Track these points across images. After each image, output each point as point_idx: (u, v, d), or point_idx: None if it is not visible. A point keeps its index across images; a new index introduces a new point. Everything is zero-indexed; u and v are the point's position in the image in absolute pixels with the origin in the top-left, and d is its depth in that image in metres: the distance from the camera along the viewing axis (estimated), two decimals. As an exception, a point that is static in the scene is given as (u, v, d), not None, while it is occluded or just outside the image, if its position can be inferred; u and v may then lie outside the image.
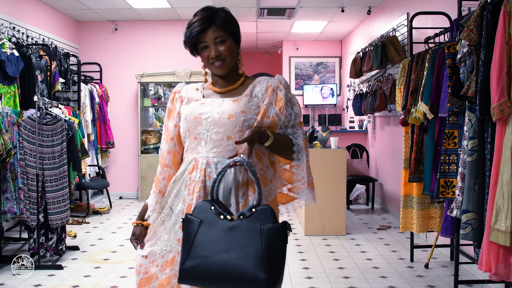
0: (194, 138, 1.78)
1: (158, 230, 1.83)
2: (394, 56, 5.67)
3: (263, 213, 1.57)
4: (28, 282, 3.73)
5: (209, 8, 1.77)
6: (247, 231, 1.55)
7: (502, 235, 2.40)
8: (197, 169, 1.76)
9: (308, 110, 9.46)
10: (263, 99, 1.77)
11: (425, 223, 3.95)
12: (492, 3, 2.58)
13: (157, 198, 1.84)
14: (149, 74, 7.35)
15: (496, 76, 2.44)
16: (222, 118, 1.73)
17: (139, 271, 1.84)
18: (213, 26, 1.74)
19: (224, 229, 1.57)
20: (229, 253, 1.53)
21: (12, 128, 4.04)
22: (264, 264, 1.51)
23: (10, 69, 4.32)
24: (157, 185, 1.85)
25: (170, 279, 1.78)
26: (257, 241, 1.53)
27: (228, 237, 1.55)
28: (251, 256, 1.52)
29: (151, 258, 1.82)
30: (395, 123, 6.10)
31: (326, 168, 5.16)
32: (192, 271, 1.56)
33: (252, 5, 6.80)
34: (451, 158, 3.22)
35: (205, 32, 1.74)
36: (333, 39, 9.44)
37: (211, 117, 1.75)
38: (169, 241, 1.80)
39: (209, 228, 1.58)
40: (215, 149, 1.74)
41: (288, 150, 1.78)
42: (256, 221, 1.56)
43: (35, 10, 6.28)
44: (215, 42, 1.74)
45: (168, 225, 1.81)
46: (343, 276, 3.89)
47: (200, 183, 1.73)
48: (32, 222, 4.09)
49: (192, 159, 1.79)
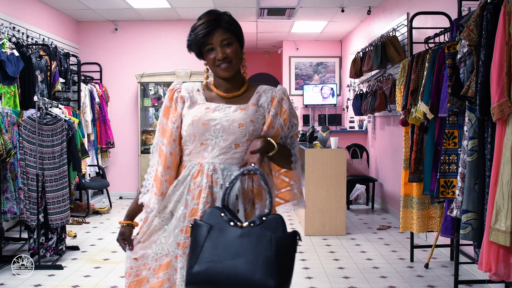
0: (200, 144, 1.76)
1: (155, 233, 1.79)
2: (394, 56, 5.67)
3: (274, 221, 1.61)
4: (28, 282, 3.73)
5: (214, 11, 1.79)
6: (257, 239, 1.58)
7: (502, 235, 2.40)
8: (202, 174, 1.75)
9: (308, 110, 9.46)
10: (269, 109, 1.82)
11: (425, 223, 3.95)
12: (492, 3, 2.58)
13: (158, 200, 1.78)
14: (149, 74, 7.35)
15: (496, 76, 2.44)
16: (232, 126, 1.75)
17: (130, 274, 1.82)
18: (219, 28, 1.75)
19: (235, 236, 1.59)
20: (239, 259, 1.55)
21: (12, 128, 4.04)
22: (273, 271, 1.54)
23: (10, 69, 4.32)
24: (159, 187, 1.78)
25: (163, 283, 1.76)
26: (267, 248, 1.56)
27: (238, 244, 1.58)
28: (261, 263, 1.54)
29: (143, 260, 1.80)
30: (395, 123, 6.10)
31: (326, 168, 5.16)
32: (200, 275, 1.57)
33: (252, 5, 6.80)
34: (451, 158, 3.22)
35: (211, 34, 1.74)
36: (333, 39, 9.44)
37: (220, 124, 1.75)
38: (166, 244, 1.77)
39: (219, 234, 1.60)
40: (222, 155, 1.75)
41: (287, 159, 1.84)
42: (267, 229, 1.59)
43: (35, 10, 6.28)
44: (221, 44, 1.75)
45: (168, 228, 1.78)
46: (343, 276, 3.89)
47: (208, 189, 1.73)
48: (32, 222, 4.09)
49: (196, 163, 1.77)
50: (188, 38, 1.79)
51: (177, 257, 1.75)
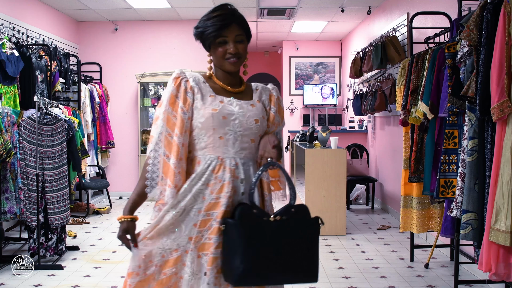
0: (219, 138, 1.77)
1: (165, 230, 1.73)
2: (394, 56, 5.67)
3: (302, 211, 1.73)
4: (28, 282, 3.73)
5: (229, 5, 1.83)
6: (292, 229, 1.69)
7: (502, 235, 2.40)
8: (224, 169, 1.76)
9: (308, 110, 9.46)
10: (269, 106, 1.91)
11: (425, 223, 3.95)
12: (492, 3, 2.58)
13: (173, 193, 1.72)
14: (149, 74, 7.35)
15: (496, 76, 2.44)
16: (249, 122, 1.80)
17: (137, 273, 1.73)
18: (234, 24, 1.79)
19: (272, 230, 1.67)
20: (280, 251, 1.66)
21: (12, 128, 4.04)
22: (310, 257, 1.71)
23: (10, 69, 4.32)
24: (172, 179, 1.72)
25: (170, 279, 1.73)
26: (303, 236, 1.70)
27: (276, 237, 1.67)
28: (300, 251, 1.68)
29: (149, 258, 1.74)
30: (395, 123, 6.10)
31: (326, 168, 5.16)
32: (250, 273, 1.63)
33: (252, 5, 6.80)
34: (451, 158, 3.22)
35: (227, 28, 1.78)
36: (333, 39, 9.44)
37: (238, 119, 1.79)
38: (176, 239, 1.73)
39: (257, 230, 1.66)
40: (242, 151, 1.80)
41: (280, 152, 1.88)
42: (298, 218, 1.71)
43: (35, 10, 6.28)
44: (235, 39, 1.79)
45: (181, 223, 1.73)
46: (343, 276, 3.89)
47: (231, 183, 1.75)
48: (32, 222, 4.09)
49: (215, 158, 1.76)
50: (201, 26, 1.80)
51: (187, 252, 1.73)
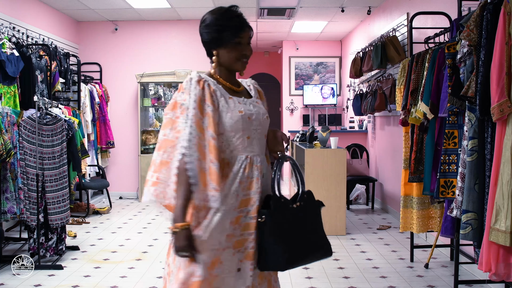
0: (247, 138, 1.84)
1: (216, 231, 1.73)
2: (394, 56, 5.67)
3: (311, 196, 1.92)
4: (28, 282, 3.73)
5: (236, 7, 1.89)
6: (310, 212, 1.89)
7: (502, 235, 2.40)
8: (252, 167, 1.84)
9: (308, 110, 9.46)
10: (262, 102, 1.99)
11: (425, 223, 3.95)
12: (492, 3, 2.58)
13: (221, 197, 1.72)
14: (149, 74, 7.35)
15: (496, 76, 2.44)
16: (263, 119, 1.91)
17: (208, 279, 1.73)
18: (248, 27, 1.86)
19: (298, 215, 1.85)
20: (307, 233, 1.86)
21: (12, 128, 4.04)
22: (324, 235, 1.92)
23: (10, 69, 4.32)
24: (219, 182, 1.70)
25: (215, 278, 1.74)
26: (316, 217, 1.91)
27: (301, 220, 1.86)
28: (318, 231, 1.90)
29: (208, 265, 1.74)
30: (395, 123, 6.10)
31: (326, 168, 5.16)
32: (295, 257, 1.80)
33: (252, 5, 6.80)
34: (451, 158, 3.22)
35: (246, 30, 1.84)
36: (333, 39, 9.44)
37: (257, 119, 1.87)
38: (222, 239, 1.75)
39: (290, 217, 1.83)
40: (262, 147, 1.91)
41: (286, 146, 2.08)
42: (311, 202, 1.91)
43: (35, 10, 6.28)
44: (249, 41, 1.86)
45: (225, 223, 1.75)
46: (343, 276, 3.89)
47: (260, 179, 1.85)
48: (32, 222, 4.09)
49: (244, 157, 1.83)
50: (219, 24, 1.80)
51: (224, 249, 1.75)
